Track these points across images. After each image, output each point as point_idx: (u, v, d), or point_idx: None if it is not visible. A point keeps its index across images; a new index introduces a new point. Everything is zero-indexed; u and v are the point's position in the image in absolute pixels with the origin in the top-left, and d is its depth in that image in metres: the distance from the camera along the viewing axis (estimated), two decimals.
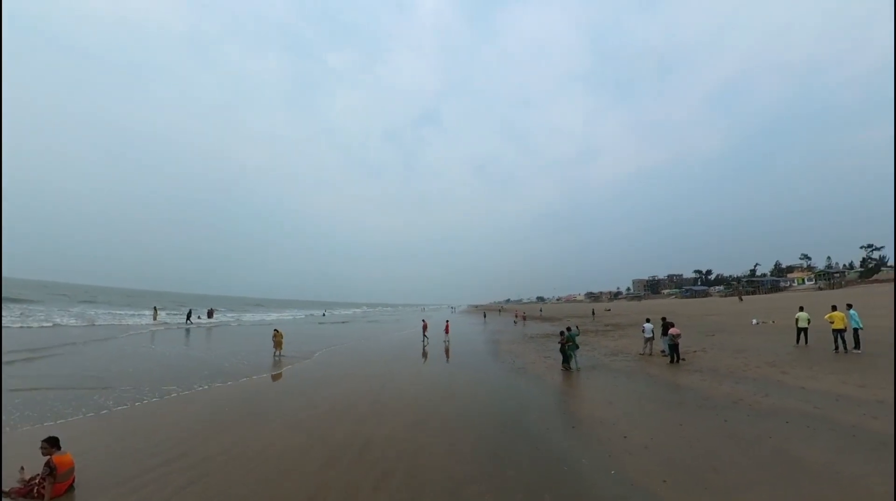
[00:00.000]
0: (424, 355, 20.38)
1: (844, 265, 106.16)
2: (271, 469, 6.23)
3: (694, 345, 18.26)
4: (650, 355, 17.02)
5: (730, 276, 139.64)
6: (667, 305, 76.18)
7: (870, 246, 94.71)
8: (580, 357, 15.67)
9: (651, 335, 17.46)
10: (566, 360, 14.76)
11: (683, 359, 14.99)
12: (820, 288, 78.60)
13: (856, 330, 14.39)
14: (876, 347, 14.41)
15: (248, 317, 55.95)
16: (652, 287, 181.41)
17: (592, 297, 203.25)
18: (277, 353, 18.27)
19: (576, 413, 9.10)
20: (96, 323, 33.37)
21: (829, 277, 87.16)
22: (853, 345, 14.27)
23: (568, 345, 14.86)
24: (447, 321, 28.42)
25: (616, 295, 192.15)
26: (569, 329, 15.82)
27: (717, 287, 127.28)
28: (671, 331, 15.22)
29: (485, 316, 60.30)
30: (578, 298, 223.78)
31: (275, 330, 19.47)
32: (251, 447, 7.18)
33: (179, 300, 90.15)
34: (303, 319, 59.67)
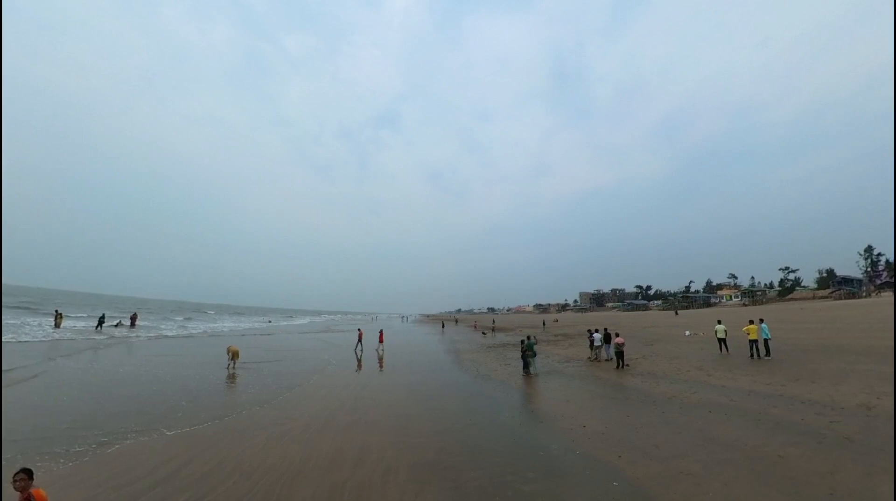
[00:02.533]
0: (359, 365, 20.84)
1: (765, 285, 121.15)
2: None
3: (636, 353, 20.77)
4: (598, 361, 19.27)
5: (667, 291, 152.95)
6: (611, 317, 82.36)
7: (786, 268, 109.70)
8: (538, 364, 17.38)
9: (600, 343, 19.82)
10: (526, 366, 16.39)
11: (627, 365, 17.21)
12: (745, 304, 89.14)
13: (766, 340, 17.41)
14: (782, 354, 17.51)
15: (178, 329, 43.99)
16: (597, 300, 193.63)
17: (541, 308, 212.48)
18: (232, 364, 17.81)
19: (541, 411, 10.61)
20: None
21: (753, 294, 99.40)
22: (765, 352, 17.25)
23: (527, 353, 16.50)
24: (381, 331, 28.99)
25: (564, 307, 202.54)
26: (528, 338, 17.54)
27: (655, 302, 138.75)
28: (617, 340, 17.48)
29: (443, 326, 61.19)
30: (528, 309, 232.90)
31: (229, 347, 18.55)
32: None
33: (95, 303, 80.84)
34: (248, 327, 55.54)
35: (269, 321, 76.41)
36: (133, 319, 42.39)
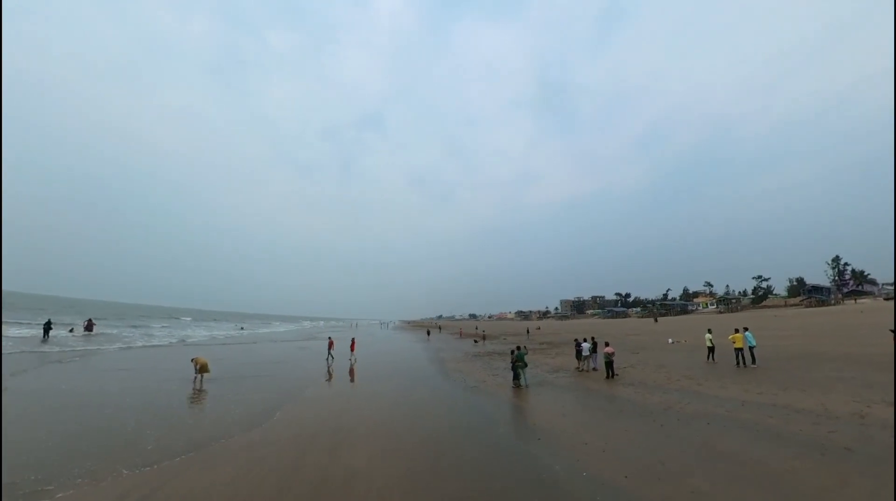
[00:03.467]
0: (329, 374, 20.41)
1: (739, 292, 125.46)
2: None
3: (623, 362, 20.84)
4: (587, 371, 19.21)
5: (646, 299, 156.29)
6: (591, 324, 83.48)
7: (759, 277, 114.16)
8: (528, 375, 17.14)
9: (588, 353, 19.78)
10: (516, 377, 16.12)
11: (617, 375, 17.18)
12: (720, 312, 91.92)
13: (751, 348, 17.73)
14: (766, 362, 17.84)
15: (143, 338, 40.71)
16: (578, 307, 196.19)
17: (523, 315, 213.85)
18: (199, 379, 16.55)
19: (538, 426, 10.30)
20: None
21: (728, 302, 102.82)
22: (751, 361, 17.54)
23: (518, 364, 16.25)
24: (353, 340, 28.39)
25: (545, 314, 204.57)
26: (519, 348, 17.32)
27: (635, 309, 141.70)
28: (606, 350, 17.44)
29: (429, 334, 60.04)
30: (509, 316, 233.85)
31: (195, 359, 17.19)
32: None
33: (47, 307, 71.69)
34: (222, 336, 51.01)
35: (242, 329, 73.15)
36: (88, 325, 38.99)
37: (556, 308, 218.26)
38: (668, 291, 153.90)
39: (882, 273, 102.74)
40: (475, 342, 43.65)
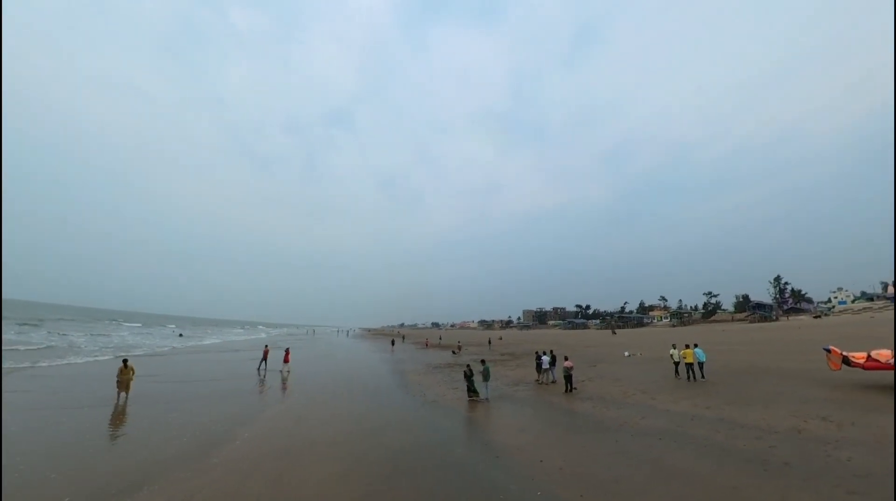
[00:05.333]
0: (262, 381, 20.04)
1: (691, 307, 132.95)
2: None
3: (582, 375, 21.37)
4: (546, 383, 19.56)
5: (605, 311, 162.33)
6: (552, 335, 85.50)
7: (709, 293, 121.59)
8: (490, 387, 17.16)
9: (548, 365, 20.18)
10: (472, 391, 16.09)
11: (576, 388, 17.56)
12: (673, 325, 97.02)
13: (701, 364, 18.68)
14: (714, 376, 18.84)
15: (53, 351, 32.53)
16: (540, 318, 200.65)
17: (485, 325, 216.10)
18: (123, 396, 14.72)
19: (496, 443, 10.26)
20: None
21: (681, 316, 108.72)
22: (700, 376, 18.45)
23: (473, 379, 16.25)
24: (287, 350, 27.64)
25: (508, 324, 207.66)
26: (484, 362, 17.48)
27: (594, 320, 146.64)
28: (566, 364, 17.84)
29: (393, 344, 58.70)
30: (472, 325, 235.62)
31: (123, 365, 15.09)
32: None
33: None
34: (160, 345, 45.95)
35: (181, 335, 66.95)
36: None
37: (519, 318, 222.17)
38: (625, 304, 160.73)
39: (817, 293, 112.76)
40: (453, 352, 41.89)
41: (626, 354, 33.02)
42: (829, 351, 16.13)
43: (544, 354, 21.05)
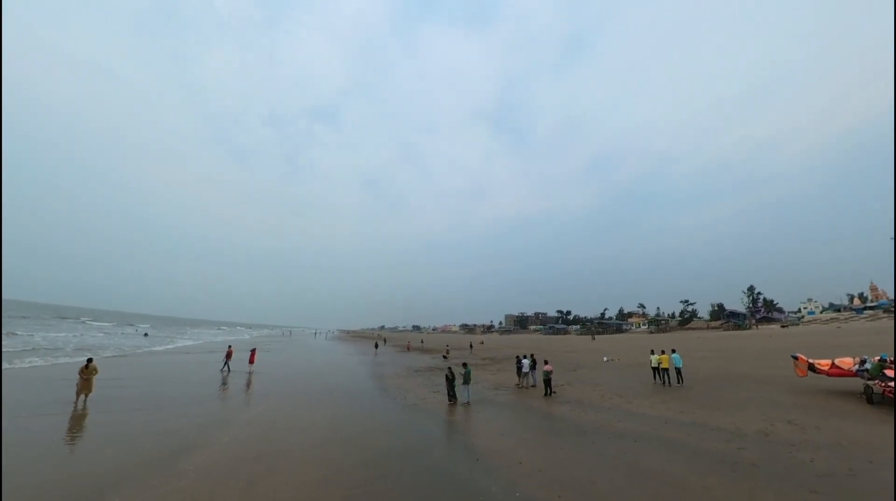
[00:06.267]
0: (224, 383, 19.89)
1: (669, 314, 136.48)
2: None
3: (561, 379, 21.73)
4: (526, 387, 19.83)
5: (585, 317, 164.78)
6: (533, 340, 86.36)
7: (686, 301, 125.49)
8: (470, 391, 17.29)
9: (528, 369, 20.47)
10: (452, 395, 16.19)
11: (555, 392, 17.86)
12: (651, 332, 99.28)
13: (678, 369, 19.25)
14: (689, 381, 19.44)
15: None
16: (521, 323, 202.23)
17: (467, 329, 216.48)
18: (82, 398, 14.14)
19: (476, 446, 10.39)
20: None
21: (658, 323, 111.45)
22: (676, 380, 19.02)
23: (454, 382, 16.36)
24: (252, 351, 27.32)
25: (489, 328, 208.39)
26: (465, 365, 17.62)
27: (574, 326, 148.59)
28: (546, 368, 18.15)
29: (377, 346, 58.02)
30: (454, 329, 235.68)
31: (87, 364, 14.57)
32: None
33: None
34: (122, 345, 43.66)
35: (146, 335, 63.70)
36: None
37: (501, 323, 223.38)
38: (605, 310, 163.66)
39: (788, 303, 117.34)
40: (444, 357, 40.39)
41: (605, 359, 33.70)
42: (796, 359, 16.89)
43: (525, 358, 21.34)
